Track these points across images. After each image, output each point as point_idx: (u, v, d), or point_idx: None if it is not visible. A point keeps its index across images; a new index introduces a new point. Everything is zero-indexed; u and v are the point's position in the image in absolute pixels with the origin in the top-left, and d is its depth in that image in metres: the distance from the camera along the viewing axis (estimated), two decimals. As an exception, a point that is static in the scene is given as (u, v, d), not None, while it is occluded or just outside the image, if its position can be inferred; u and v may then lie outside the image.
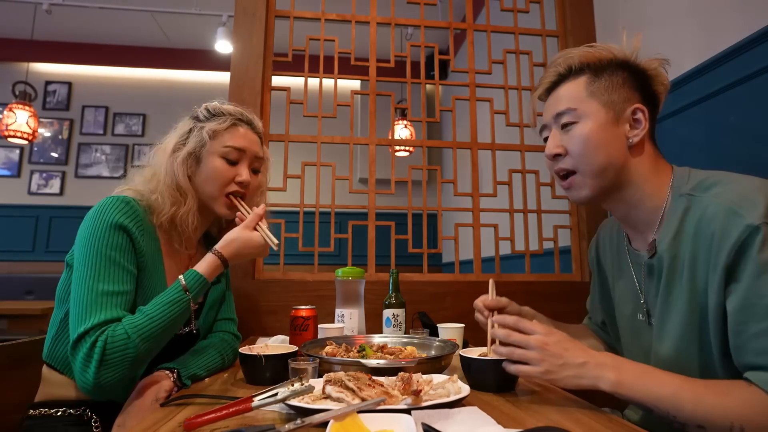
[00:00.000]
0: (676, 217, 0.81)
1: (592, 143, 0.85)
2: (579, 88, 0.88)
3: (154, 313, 0.87)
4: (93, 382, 0.80)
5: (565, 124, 0.88)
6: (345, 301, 1.28)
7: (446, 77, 4.43)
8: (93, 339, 0.81)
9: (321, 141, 1.82)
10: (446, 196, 2.62)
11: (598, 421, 0.66)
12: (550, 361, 0.74)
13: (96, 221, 0.91)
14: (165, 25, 4.65)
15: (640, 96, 0.86)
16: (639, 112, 0.85)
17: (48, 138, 4.78)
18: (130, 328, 0.84)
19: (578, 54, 0.89)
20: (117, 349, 0.82)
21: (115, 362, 0.81)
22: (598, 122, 0.85)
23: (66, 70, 4.95)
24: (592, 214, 1.84)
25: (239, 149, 1.07)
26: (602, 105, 0.85)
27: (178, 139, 1.06)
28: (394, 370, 0.79)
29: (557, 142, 0.89)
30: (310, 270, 1.76)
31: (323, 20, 1.89)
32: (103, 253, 0.89)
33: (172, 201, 1.01)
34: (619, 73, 0.87)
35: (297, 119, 1.86)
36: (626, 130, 0.85)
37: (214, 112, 1.09)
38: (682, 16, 1.56)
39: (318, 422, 0.58)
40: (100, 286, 0.86)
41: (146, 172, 1.05)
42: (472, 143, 1.88)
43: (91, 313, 0.84)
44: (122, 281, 0.89)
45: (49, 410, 0.94)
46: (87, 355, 0.81)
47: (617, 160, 0.85)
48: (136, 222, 0.95)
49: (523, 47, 1.97)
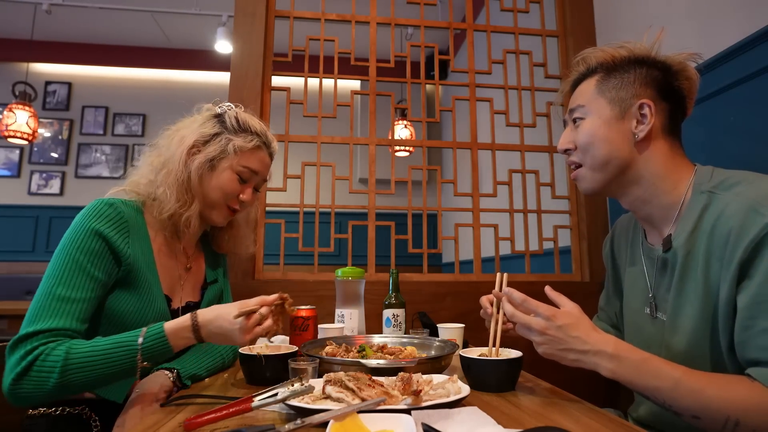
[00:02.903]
0: (694, 214, 0.81)
1: (595, 138, 0.88)
2: (590, 86, 0.91)
3: (101, 349, 0.81)
4: (8, 388, 0.79)
5: (576, 119, 0.92)
6: (345, 302, 1.28)
7: (446, 77, 4.43)
8: (30, 347, 0.79)
9: (321, 141, 1.82)
10: (446, 196, 2.62)
11: (598, 421, 0.66)
12: (550, 344, 0.78)
13: (76, 225, 0.91)
14: (165, 25, 4.65)
15: (654, 91, 0.86)
16: (645, 106, 0.85)
17: (48, 138, 4.78)
18: (71, 354, 0.80)
19: (593, 53, 0.92)
20: (44, 368, 0.78)
21: (36, 379, 0.79)
22: (602, 118, 0.88)
23: (66, 71, 4.95)
24: (592, 214, 1.84)
25: (254, 171, 1.08)
26: (608, 102, 0.88)
27: (199, 136, 1.04)
28: (394, 370, 0.79)
29: (569, 137, 0.93)
30: (310, 270, 1.76)
31: (323, 20, 1.89)
32: (72, 257, 0.87)
33: (177, 198, 1.00)
34: (633, 70, 0.88)
35: (297, 119, 1.86)
36: (632, 125, 0.86)
37: (243, 127, 1.08)
38: (682, 16, 1.56)
39: (318, 422, 0.58)
40: (58, 290, 0.85)
41: (156, 159, 1.03)
42: (472, 143, 1.88)
43: (42, 317, 0.82)
44: (82, 288, 0.87)
45: (49, 409, 0.94)
46: (17, 361, 0.79)
47: (621, 154, 0.86)
48: (117, 227, 0.93)
49: (523, 47, 1.97)
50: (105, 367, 0.81)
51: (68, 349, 0.80)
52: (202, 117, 1.09)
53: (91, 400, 0.95)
